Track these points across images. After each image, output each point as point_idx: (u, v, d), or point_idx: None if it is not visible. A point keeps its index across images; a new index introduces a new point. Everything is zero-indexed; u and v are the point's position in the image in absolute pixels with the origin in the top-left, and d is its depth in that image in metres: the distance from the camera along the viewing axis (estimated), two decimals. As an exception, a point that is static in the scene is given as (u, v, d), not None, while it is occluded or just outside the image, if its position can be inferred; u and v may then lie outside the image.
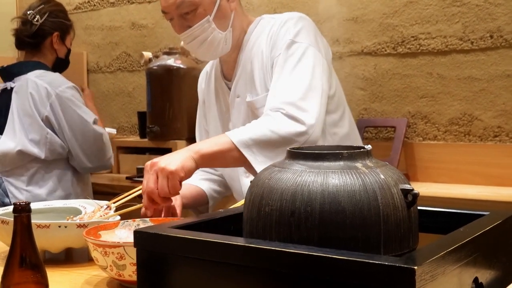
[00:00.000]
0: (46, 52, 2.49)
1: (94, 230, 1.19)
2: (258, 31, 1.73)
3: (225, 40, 1.69)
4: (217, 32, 1.66)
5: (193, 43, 1.67)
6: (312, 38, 1.65)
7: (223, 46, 1.70)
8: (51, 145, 2.32)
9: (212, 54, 1.72)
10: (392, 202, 0.84)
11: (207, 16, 1.64)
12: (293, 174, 0.86)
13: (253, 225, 0.88)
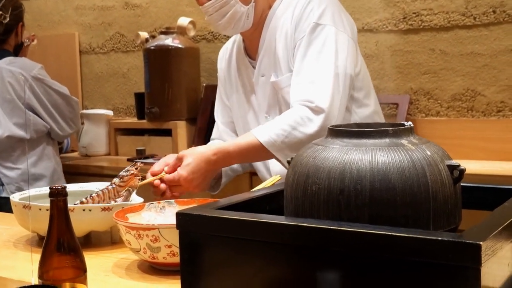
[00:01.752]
0: (11, 40, 2.62)
1: (121, 213, 1.18)
2: (282, 9, 1.70)
3: (247, 15, 1.66)
4: (239, 6, 1.64)
5: (214, 16, 1.64)
6: (336, 18, 1.63)
7: (245, 21, 1.67)
8: (35, 125, 2.50)
9: (234, 28, 1.69)
10: (440, 179, 0.83)
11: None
12: (339, 152, 0.85)
13: (298, 204, 0.87)
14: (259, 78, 1.75)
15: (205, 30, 3.11)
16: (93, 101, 3.55)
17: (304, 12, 1.63)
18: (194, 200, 1.28)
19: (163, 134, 2.87)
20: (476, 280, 0.67)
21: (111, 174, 2.63)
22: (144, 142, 2.91)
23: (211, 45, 3.10)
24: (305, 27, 1.61)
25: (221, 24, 1.66)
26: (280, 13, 1.70)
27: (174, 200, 1.30)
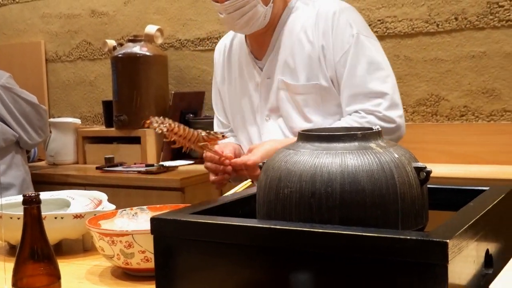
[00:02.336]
0: None
1: (94, 220, 1.18)
2: (296, 15, 1.67)
3: (264, 15, 1.62)
4: (260, 6, 1.60)
5: (234, 14, 1.60)
6: (367, 27, 1.66)
7: (261, 21, 1.63)
8: (4, 134, 2.49)
9: (250, 28, 1.64)
10: (407, 180, 0.86)
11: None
12: (310, 156, 0.87)
13: (271, 207, 0.89)
14: (264, 80, 1.71)
15: (173, 37, 3.12)
16: (60, 109, 3.52)
17: (337, 24, 1.60)
18: (166, 206, 1.29)
19: (131, 142, 2.87)
20: (443, 277, 0.70)
21: (79, 182, 2.63)
22: (112, 150, 2.90)
23: (179, 53, 3.11)
24: (346, 38, 1.59)
25: (239, 23, 1.61)
26: (294, 19, 1.67)
27: (146, 206, 1.30)
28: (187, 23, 3.08)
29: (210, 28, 3.02)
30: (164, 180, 2.46)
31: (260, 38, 1.70)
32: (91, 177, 2.65)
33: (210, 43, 3.02)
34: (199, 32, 3.05)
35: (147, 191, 2.50)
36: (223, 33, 2.95)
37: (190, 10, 3.06)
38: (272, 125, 1.70)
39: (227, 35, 1.87)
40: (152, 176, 2.51)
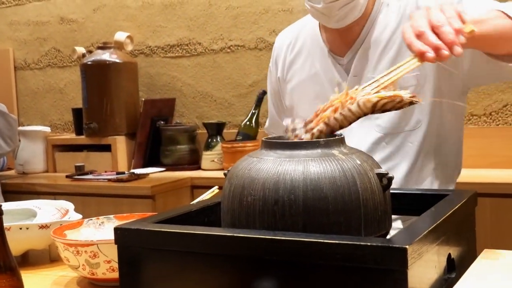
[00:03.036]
0: None
1: (59, 230, 1.17)
2: (390, 5, 1.49)
3: (361, 7, 1.44)
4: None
5: (336, 4, 1.39)
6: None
7: (357, 14, 1.44)
8: None
9: (347, 19, 1.44)
10: (369, 187, 0.87)
11: None
12: (273, 164, 0.88)
13: (235, 215, 0.89)
14: (352, 79, 1.48)
15: (143, 44, 3.11)
16: (30, 117, 3.49)
17: None
18: (133, 215, 1.29)
19: (102, 149, 2.85)
20: (403, 283, 0.70)
21: (49, 191, 2.60)
22: (82, 158, 2.88)
23: (149, 60, 3.10)
24: None
25: (337, 15, 1.42)
26: (391, 5, 1.49)
27: (113, 215, 1.30)
28: (157, 30, 3.07)
29: (180, 34, 3.02)
30: (135, 188, 2.45)
31: (345, 33, 1.50)
32: (60, 185, 2.62)
33: (180, 50, 3.02)
34: (169, 38, 3.05)
35: (118, 199, 2.48)
36: (193, 39, 2.96)
37: (159, 17, 3.06)
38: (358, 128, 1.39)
39: (290, 29, 1.68)
40: (123, 184, 2.50)
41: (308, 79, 1.57)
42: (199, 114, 3.01)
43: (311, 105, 1.45)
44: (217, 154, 2.70)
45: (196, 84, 3.00)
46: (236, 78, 2.89)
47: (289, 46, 1.63)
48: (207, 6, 2.93)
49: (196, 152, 2.83)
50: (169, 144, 2.81)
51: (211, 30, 2.94)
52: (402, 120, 1.46)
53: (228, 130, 2.86)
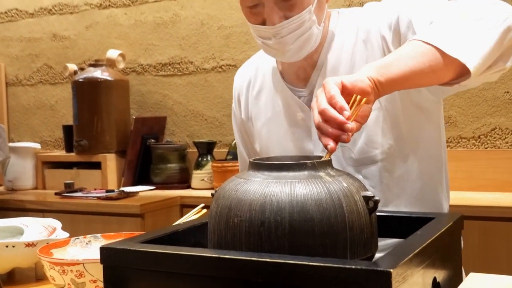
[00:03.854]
0: None
1: (46, 249, 1.17)
2: (342, 29, 1.39)
3: (316, 37, 1.34)
4: (315, 27, 1.32)
5: (287, 38, 1.30)
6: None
7: (313, 45, 1.34)
8: None
9: (303, 52, 1.34)
10: (356, 209, 0.87)
11: (309, 6, 1.30)
12: (260, 185, 0.88)
13: (221, 236, 0.89)
14: None
15: (135, 62, 3.12)
16: (20, 133, 3.48)
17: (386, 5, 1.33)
18: (121, 234, 1.28)
19: (92, 167, 2.85)
20: (387, 306, 0.71)
21: (37, 208, 2.59)
22: (72, 175, 2.87)
23: (141, 78, 3.11)
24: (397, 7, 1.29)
25: (291, 49, 1.32)
26: (344, 28, 1.39)
27: (100, 234, 1.29)
28: (149, 48, 3.09)
29: (172, 53, 3.03)
30: (124, 206, 2.45)
31: (302, 64, 1.40)
32: (49, 203, 2.61)
33: (172, 68, 3.03)
34: (161, 57, 3.06)
35: (107, 217, 2.47)
36: (185, 58, 2.97)
37: (152, 35, 3.07)
38: None
39: (247, 65, 1.58)
40: (112, 202, 2.49)
41: (273, 118, 1.46)
42: (190, 133, 3.01)
43: (281, 146, 1.45)
44: (207, 173, 2.70)
45: (187, 102, 3.01)
46: (227, 97, 2.90)
47: (249, 84, 1.53)
48: (199, 25, 2.95)
49: (186, 171, 2.83)
50: (160, 162, 2.81)
51: (203, 49, 2.95)
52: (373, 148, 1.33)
53: (218, 149, 2.87)
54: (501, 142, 2.42)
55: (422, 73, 1.07)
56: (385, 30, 1.29)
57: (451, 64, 1.08)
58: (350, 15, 1.40)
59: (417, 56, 1.07)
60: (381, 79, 1.03)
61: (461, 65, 1.07)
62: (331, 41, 1.39)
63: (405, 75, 1.06)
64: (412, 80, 1.08)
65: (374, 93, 1.02)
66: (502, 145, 2.42)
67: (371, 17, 1.34)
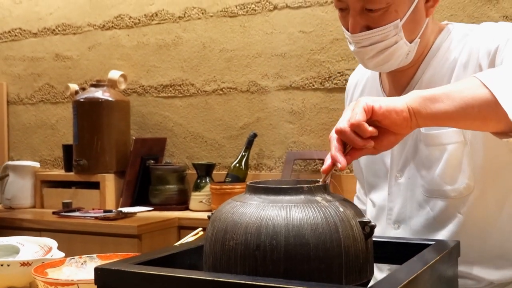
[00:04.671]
0: None
1: (41, 268, 1.16)
2: (447, 46, 1.31)
3: (407, 53, 1.27)
4: (403, 42, 1.25)
5: (368, 49, 1.26)
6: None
7: (403, 59, 1.28)
8: None
9: (386, 66, 1.29)
10: (352, 234, 0.87)
11: (396, 20, 1.23)
12: (257, 208, 0.88)
13: (217, 259, 0.89)
14: None
15: (136, 83, 3.13)
16: (20, 152, 3.48)
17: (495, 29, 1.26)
18: (116, 255, 1.28)
19: (90, 187, 2.84)
20: (381, 333, 0.70)
21: (35, 227, 2.58)
22: (70, 195, 2.87)
23: (142, 99, 3.12)
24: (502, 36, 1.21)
25: (372, 61, 1.27)
26: (450, 46, 1.31)
27: (96, 255, 1.29)
28: (150, 70, 3.10)
29: (173, 75, 3.04)
30: (121, 226, 2.44)
31: (400, 75, 1.35)
32: (46, 222, 2.61)
33: (173, 90, 3.04)
34: (162, 78, 3.07)
35: (104, 237, 2.46)
36: (186, 80, 2.99)
37: (153, 56, 3.09)
38: (402, 185, 1.34)
39: (359, 68, 1.52)
40: (109, 222, 2.48)
41: None
42: (189, 155, 3.01)
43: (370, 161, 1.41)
44: (206, 195, 2.70)
45: (187, 124, 3.02)
46: (227, 120, 2.91)
47: (356, 85, 1.50)
48: (201, 48, 2.97)
49: (185, 193, 2.83)
50: (158, 183, 2.80)
51: (204, 72, 2.97)
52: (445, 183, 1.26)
53: (217, 171, 2.87)
54: None
55: (467, 116, 0.99)
56: (483, 58, 1.22)
57: (503, 117, 0.98)
58: (461, 32, 1.32)
59: (467, 96, 0.99)
60: (422, 112, 0.97)
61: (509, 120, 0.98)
62: (433, 57, 1.32)
63: (448, 114, 0.99)
64: (455, 122, 1.01)
65: (408, 126, 0.97)
66: None
67: (478, 39, 1.26)
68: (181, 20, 3.01)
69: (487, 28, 1.28)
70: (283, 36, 2.74)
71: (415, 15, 1.25)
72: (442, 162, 1.26)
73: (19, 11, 3.46)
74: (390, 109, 0.95)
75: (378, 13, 1.22)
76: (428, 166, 1.28)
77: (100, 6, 3.23)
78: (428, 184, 1.29)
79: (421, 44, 1.29)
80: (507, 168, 1.25)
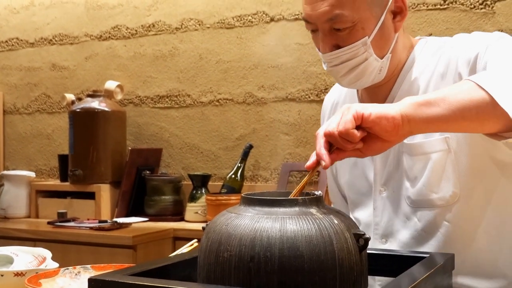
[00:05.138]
0: None
1: (34, 279, 1.16)
2: (422, 59, 1.33)
3: (380, 69, 1.29)
4: (373, 58, 1.27)
5: (340, 68, 1.28)
6: None
7: (376, 75, 1.29)
8: None
9: (360, 83, 1.31)
10: (346, 247, 0.87)
11: (364, 37, 1.25)
12: (251, 220, 0.88)
13: (211, 270, 0.89)
14: None
15: (133, 94, 3.14)
16: (15, 162, 3.48)
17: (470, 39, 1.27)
18: (111, 266, 1.27)
19: (86, 197, 2.84)
20: None
21: (29, 237, 2.57)
22: (65, 205, 2.86)
23: (138, 109, 3.12)
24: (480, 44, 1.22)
25: (346, 78, 1.29)
26: (425, 58, 1.33)
27: (90, 265, 1.28)
28: (147, 80, 3.11)
29: (170, 85, 3.05)
30: (116, 237, 2.43)
31: (376, 91, 1.36)
32: (41, 232, 2.60)
33: (169, 101, 3.04)
34: (158, 89, 3.08)
35: (99, 248, 2.45)
36: (183, 91, 2.99)
37: (150, 67, 3.10)
38: (386, 199, 1.34)
39: (335, 87, 1.55)
40: (104, 232, 2.48)
41: None
42: (185, 165, 3.01)
43: (350, 170, 1.41)
44: (201, 206, 2.70)
45: (183, 135, 3.02)
46: (223, 131, 2.91)
47: (333, 104, 1.51)
48: (198, 59, 2.98)
49: (180, 203, 2.82)
50: (154, 194, 2.80)
51: (201, 83, 2.97)
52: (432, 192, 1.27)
53: (213, 182, 2.86)
54: None
55: (464, 119, 1.00)
56: (462, 67, 1.23)
57: (501, 116, 0.99)
58: (435, 45, 1.34)
59: (464, 99, 1.00)
60: (416, 118, 0.98)
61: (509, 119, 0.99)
62: (408, 70, 1.33)
63: (445, 118, 0.99)
64: (452, 125, 1.02)
65: (398, 133, 0.97)
66: None
67: (454, 49, 1.27)
68: (178, 31, 3.02)
69: (463, 38, 1.30)
70: (280, 48, 2.75)
71: (383, 31, 1.27)
72: (427, 171, 1.26)
73: (16, 20, 3.47)
74: (381, 116, 0.96)
75: (345, 32, 1.25)
76: (412, 177, 1.29)
77: (97, 17, 3.24)
78: (414, 195, 1.29)
79: (394, 59, 1.31)
80: (489, 173, 1.26)
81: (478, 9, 2.43)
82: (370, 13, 1.25)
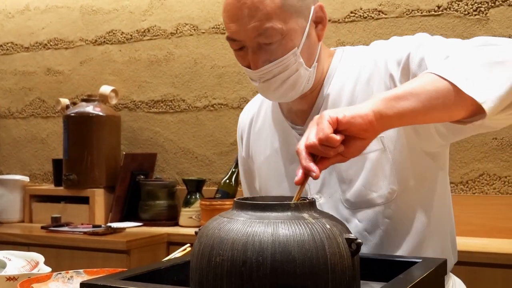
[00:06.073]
0: None
1: (26, 283, 1.15)
2: (344, 66, 1.36)
3: (308, 79, 1.31)
4: (304, 69, 1.29)
5: (272, 81, 1.29)
6: None
7: (305, 85, 1.32)
8: None
9: (292, 94, 1.32)
10: (338, 251, 0.87)
11: (294, 48, 1.27)
12: (243, 225, 0.88)
13: (203, 275, 0.89)
14: None
15: (127, 98, 3.13)
16: (10, 166, 3.47)
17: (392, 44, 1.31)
18: (103, 270, 1.27)
19: (80, 201, 2.83)
20: None
21: (23, 242, 2.57)
22: (59, 209, 2.86)
23: (133, 114, 3.12)
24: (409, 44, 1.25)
25: (278, 92, 1.30)
26: (343, 71, 1.36)
27: (83, 270, 1.28)
28: (142, 85, 3.11)
29: (164, 90, 3.05)
30: (110, 242, 2.43)
31: (301, 101, 1.37)
32: (35, 236, 2.59)
33: (164, 106, 3.05)
34: (153, 94, 3.08)
35: (93, 252, 2.45)
36: (177, 95, 3.00)
37: (145, 72, 3.10)
38: (323, 206, 1.33)
39: (252, 103, 1.56)
40: (98, 237, 2.47)
41: (272, 155, 1.44)
42: (179, 170, 3.01)
43: (279, 184, 1.41)
44: (196, 211, 2.70)
45: (178, 140, 3.02)
46: (218, 136, 2.91)
47: (251, 122, 1.52)
48: (193, 64, 2.98)
49: (175, 208, 2.82)
50: (148, 199, 2.80)
51: (196, 88, 2.98)
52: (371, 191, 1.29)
53: (207, 187, 2.86)
54: (489, 188, 2.43)
55: (433, 109, 1.03)
56: (393, 68, 1.26)
57: (465, 101, 1.04)
58: (354, 53, 1.37)
59: (431, 90, 1.03)
60: (389, 113, 1.00)
61: (476, 103, 1.03)
62: (331, 79, 1.36)
63: (415, 109, 1.01)
64: (423, 116, 1.04)
65: (374, 130, 0.99)
66: (489, 191, 2.43)
67: (377, 55, 1.30)
68: (173, 36, 3.03)
69: (385, 43, 1.33)
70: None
71: (310, 40, 1.30)
72: (365, 171, 1.28)
73: (11, 25, 3.46)
74: (355, 115, 0.97)
75: (275, 45, 1.26)
76: (348, 179, 1.30)
77: (92, 22, 3.24)
78: (353, 197, 1.30)
79: (319, 68, 1.34)
80: (425, 166, 1.29)
81: (472, 15, 2.44)
82: (296, 23, 1.27)
